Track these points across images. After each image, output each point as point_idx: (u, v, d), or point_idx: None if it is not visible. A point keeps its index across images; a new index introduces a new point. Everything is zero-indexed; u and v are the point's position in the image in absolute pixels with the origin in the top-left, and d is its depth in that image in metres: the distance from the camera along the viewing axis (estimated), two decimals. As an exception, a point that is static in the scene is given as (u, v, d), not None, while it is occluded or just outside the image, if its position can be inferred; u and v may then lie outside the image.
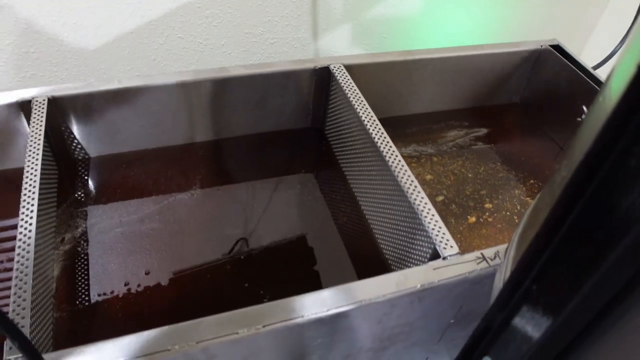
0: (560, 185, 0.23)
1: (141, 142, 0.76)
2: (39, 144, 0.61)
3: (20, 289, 0.48)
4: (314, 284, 0.65)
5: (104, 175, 0.73)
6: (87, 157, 0.75)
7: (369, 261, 0.68)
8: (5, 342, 0.44)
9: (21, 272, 0.49)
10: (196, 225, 0.68)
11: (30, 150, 0.61)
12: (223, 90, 0.75)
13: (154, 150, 0.77)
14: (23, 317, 0.46)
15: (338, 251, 0.69)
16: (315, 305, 0.48)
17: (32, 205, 0.55)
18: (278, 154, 0.81)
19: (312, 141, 0.84)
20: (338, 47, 1.04)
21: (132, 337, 0.44)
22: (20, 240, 0.52)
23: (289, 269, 0.66)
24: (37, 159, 0.60)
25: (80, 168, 0.74)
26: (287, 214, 0.72)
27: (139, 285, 0.61)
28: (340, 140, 0.79)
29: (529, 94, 0.95)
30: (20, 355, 0.43)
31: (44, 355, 0.42)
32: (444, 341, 0.65)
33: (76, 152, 0.74)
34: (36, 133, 0.63)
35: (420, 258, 0.59)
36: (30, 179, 0.58)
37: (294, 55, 1.02)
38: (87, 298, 0.60)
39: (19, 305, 0.47)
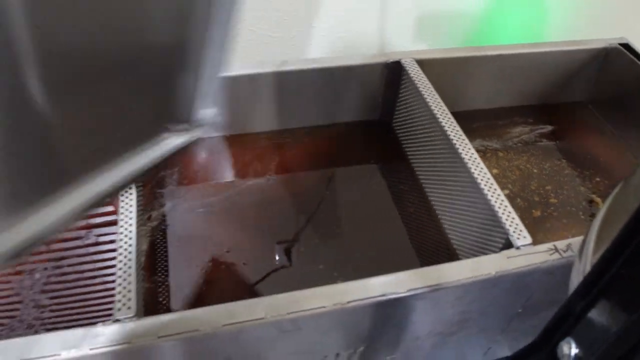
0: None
1: (219, 129, 0.80)
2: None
3: (126, 257, 0.52)
4: (382, 269, 0.68)
5: (186, 158, 0.78)
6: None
7: (436, 250, 0.70)
8: (115, 302, 0.49)
9: (125, 243, 0.54)
10: (272, 209, 0.72)
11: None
12: (296, 82, 0.79)
13: (232, 136, 0.81)
14: (130, 290, 0.50)
15: (404, 240, 0.71)
16: (395, 285, 0.51)
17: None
18: (347, 145, 0.84)
19: (380, 133, 0.86)
20: (402, 42, 1.06)
21: (230, 304, 0.48)
22: (122, 212, 0.56)
23: (358, 255, 0.69)
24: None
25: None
26: (355, 203, 0.75)
27: (220, 262, 0.65)
28: (409, 132, 0.82)
29: (596, 93, 0.95)
30: (130, 315, 0.48)
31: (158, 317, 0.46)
32: (507, 332, 0.67)
33: (160, 136, 0.79)
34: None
35: (492, 248, 0.61)
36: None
37: (360, 49, 1.04)
38: (173, 271, 0.64)
39: (127, 274, 0.51)
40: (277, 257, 0.67)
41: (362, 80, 0.81)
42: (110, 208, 0.69)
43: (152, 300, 0.62)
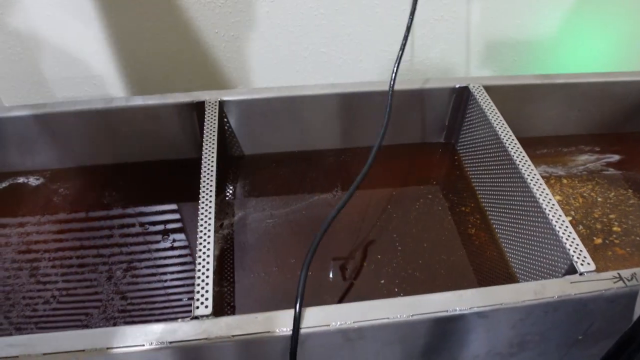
0: None
1: (289, 145, 0.84)
2: (213, 140, 0.71)
3: (205, 260, 0.56)
4: (440, 288, 0.69)
5: (256, 172, 0.82)
6: (242, 154, 0.85)
7: (495, 273, 0.71)
8: (193, 301, 0.53)
9: (204, 247, 0.58)
10: (336, 224, 0.75)
11: (207, 143, 0.70)
12: (366, 103, 0.82)
13: (300, 152, 0.85)
14: (207, 291, 0.54)
15: (464, 261, 0.72)
16: (459, 302, 0.53)
17: (211, 192, 0.64)
18: (412, 165, 0.86)
19: (444, 155, 0.88)
20: (468, 67, 1.08)
21: (305, 309, 0.51)
22: (202, 220, 0.61)
23: (418, 273, 0.70)
24: (213, 151, 0.69)
25: (236, 164, 0.83)
26: (417, 221, 0.77)
27: (286, 270, 0.69)
28: (473, 155, 0.83)
29: (666, 123, 0.94)
30: (207, 314, 0.51)
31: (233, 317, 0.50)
32: (566, 358, 0.67)
33: (234, 149, 0.84)
34: (211, 130, 0.72)
35: (554, 273, 0.62)
36: (208, 170, 0.67)
37: (426, 73, 1.07)
38: (240, 277, 0.68)
39: (205, 275, 0.55)
40: (330, 275, 0.70)
41: (430, 103, 0.84)
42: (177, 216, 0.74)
43: (220, 302, 0.66)
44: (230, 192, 0.79)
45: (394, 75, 0.75)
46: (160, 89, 0.97)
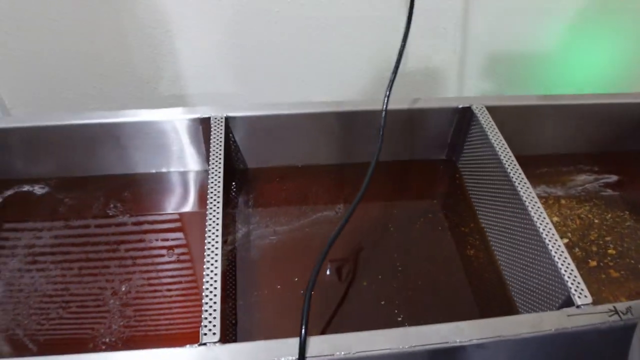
0: None
1: (293, 159, 0.85)
2: (220, 154, 0.72)
3: (212, 279, 0.57)
4: (439, 309, 0.71)
5: (260, 186, 0.83)
6: (246, 167, 0.85)
7: (493, 296, 0.73)
8: (201, 326, 0.54)
9: (212, 265, 0.59)
10: (339, 242, 0.76)
11: (213, 159, 0.71)
12: (370, 120, 0.83)
13: (304, 167, 0.86)
14: (215, 317, 0.55)
15: (462, 281, 0.74)
16: (459, 334, 0.54)
17: (218, 206, 0.65)
18: (413, 181, 0.88)
19: (445, 172, 0.89)
20: (466, 80, 1.08)
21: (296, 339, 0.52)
22: (209, 237, 0.62)
23: (417, 294, 0.72)
24: (219, 166, 0.70)
25: (240, 177, 0.84)
26: (417, 239, 0.79)
27: (289, 289, 0.70)
28: (474, 174, 0.84)
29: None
30: (215, 340, 0.53)
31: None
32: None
33: (237, 163, 0.85)
34: (217, 145, 0.73)
35: (551, 302, 0.63)
36: (215, 184, 0.68)
37: (424, 84, 1.07)
38: (244, 295, 0.69)
39: (213, 301, 0.56)
40: (327, 272, 0.71)
41: (433, 121, 0.85)
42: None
43: (223, 322, 0.67)
44: (235, 206, 0.80)
45: (386, 99, 0.76)
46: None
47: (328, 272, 0.73)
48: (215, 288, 0.57)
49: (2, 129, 0.78)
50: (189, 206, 0.81)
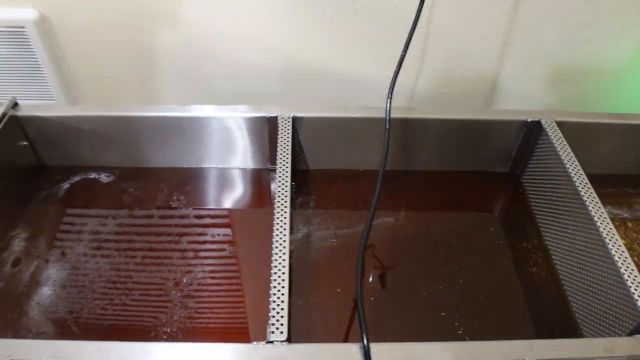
0: None
1: (355, 163, 0.85)
2: (287, 154, 0.72)
3: (281, 278, 0.58)
4: (501, 327, 0.69)
5: (321, 187, 0.83)
6: (308, 168, 0.86)
7: (555, 316, 0.71)
8: (268, 324, 0.54)
9: (280, 264, 0.59)
10: (399, 250, 0.76)
11: (280, 159, 0.72)
12: (436, 130, 0.82)
13: (365, 171, 0.85)
14: (282, 316, 0.55)
15: (522, 299, 0.72)
16: (529, 352, 0.53)
17: (286, 207, 0.65)
18: (475, 193, 0.86)
19: (508, 186, 0.88)
20: (537, 91, 1.06)
21: (373, 345, 0.52)
22: (277, 237, 0.62)
23: (477, 308, 0.71)
24: (287, 167, 0.71)
25: (302, 178, 0.84)
26: (478, 254, 0.77)
27: (349, 293, 0.70)
28: (539, 190, 0.83)
29: None
30: (282, 339, 0.53)
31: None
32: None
33: (300, 164, 0.85)
34: (284, 145, 0.74)
35: (621, 327, 0.61)
36: (282, 184, 0.68)
37: (495, 98, 1.05)
38: (304, 296, 0.69)
39: (280, 300, 0.56)
40: (388, 279, 0.71)
41: (500, 133, 0.84)
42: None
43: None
44: (297, 206, 0.81)
45: (388, 107, 0.74)
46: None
47: (389, 280, 0.72)
48: (283, 287, 0.57)
49: (72, 117, 0.80)
50: (250, 203, 0.82)
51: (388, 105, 0.73)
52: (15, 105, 0.79)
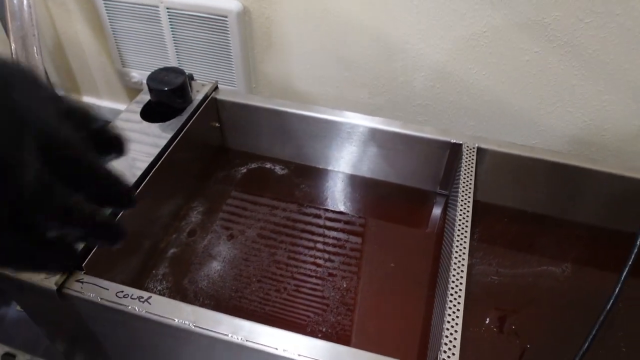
0: None
1: (524, 203, 0.83)
2: (470, 184, 0.72)
3: (455, 307, 0.58)
4: None
5: (486, 221, 0.82)
6: (476, 200, 0.85)
7: None
8: (439, 352, 0.54)
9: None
10: (563, 304, 0.73)
11: (463, 188, 0.71)
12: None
13: (533, 214, 0.83)
14: (455, 337, 0.55)
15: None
16: None
17: (466, 239, 0.65)
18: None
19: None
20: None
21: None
22: (455, 267, 0.62)
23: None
24: (469, 196, 0.70)
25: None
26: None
27: (509, 334, 0.69)
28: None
29: None
30: None
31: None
32: None
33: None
34: (468, 174, 0.73)
35: None
36: (463, 214, 0.68)
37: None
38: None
39: (455, 322, 0.56)
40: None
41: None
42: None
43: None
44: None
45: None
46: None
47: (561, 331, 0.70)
48: (458, 317, 0.58)
49: (253, 106, 0.85)
50: (418, 223, 0.83)
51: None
52: (216, 88, 0.85)
